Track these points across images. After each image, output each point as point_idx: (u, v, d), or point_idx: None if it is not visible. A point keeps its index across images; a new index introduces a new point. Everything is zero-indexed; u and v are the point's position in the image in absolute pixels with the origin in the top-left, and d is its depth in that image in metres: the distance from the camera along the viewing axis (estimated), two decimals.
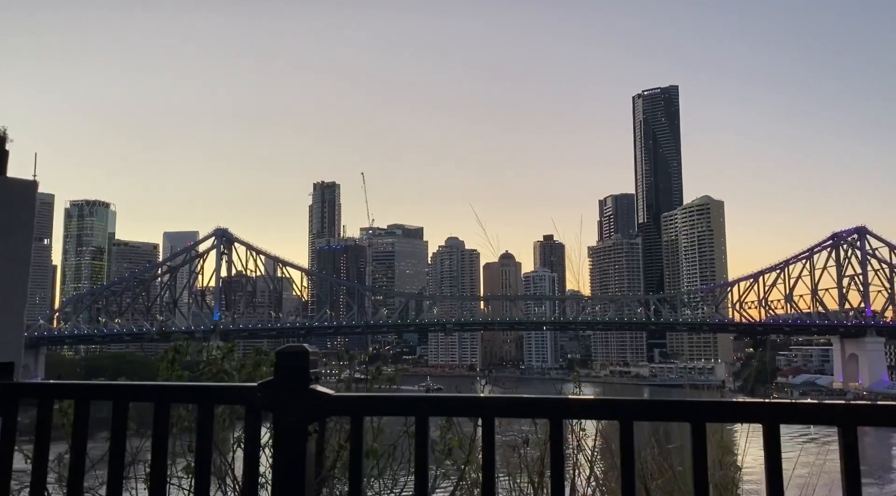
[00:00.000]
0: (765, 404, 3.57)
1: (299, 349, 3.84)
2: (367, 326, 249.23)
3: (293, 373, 3.80)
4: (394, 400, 4.53)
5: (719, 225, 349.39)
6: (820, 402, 3.63)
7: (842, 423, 3.45)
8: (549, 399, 3.85)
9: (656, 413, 3.97)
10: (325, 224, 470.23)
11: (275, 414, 3.85)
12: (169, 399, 4.29)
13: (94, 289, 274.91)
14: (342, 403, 4.08)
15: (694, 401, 3.60)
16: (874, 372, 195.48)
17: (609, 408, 4.01)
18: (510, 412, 4.34)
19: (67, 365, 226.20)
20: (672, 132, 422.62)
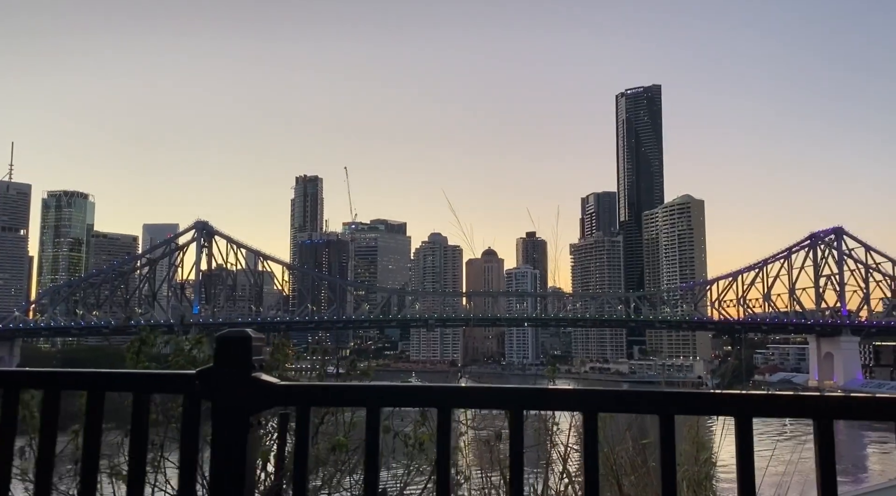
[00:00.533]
0: (737, 396, 3.44)
1: (240, 334, 3.56)
2: (348, 321, 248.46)
3: (234, 361, 3.52)
4: (343, 390, 4.26)
5: (699, 224, 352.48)
6: (795, 393, 3.51)
7: (817, 417, 3.33)
8: (509, 388, 3.64)
9: (622, 404, 3.74)
10: (308, 218, 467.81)
11: (214, 404, 3.55)
12: (103, 387, 3.93)
13: (72, 280, 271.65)
14: (287, 393, 3.76)
15: (662, 392, 3.47)
16: (848, 370, 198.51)
17: (572, 398, 3.82)
18: (468, 402, 4.14)
19: (43, 357, 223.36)
20: (654, 131, 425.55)
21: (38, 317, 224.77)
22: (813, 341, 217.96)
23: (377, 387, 3.80)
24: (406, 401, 4.18)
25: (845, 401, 3.38)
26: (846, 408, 3.39)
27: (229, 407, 3.50)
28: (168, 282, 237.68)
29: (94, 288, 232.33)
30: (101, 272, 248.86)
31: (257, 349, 3.57)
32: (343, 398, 4.21)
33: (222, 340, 3.56)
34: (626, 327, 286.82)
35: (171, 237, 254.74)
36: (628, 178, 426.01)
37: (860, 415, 3.42)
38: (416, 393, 4.02)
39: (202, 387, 3.57)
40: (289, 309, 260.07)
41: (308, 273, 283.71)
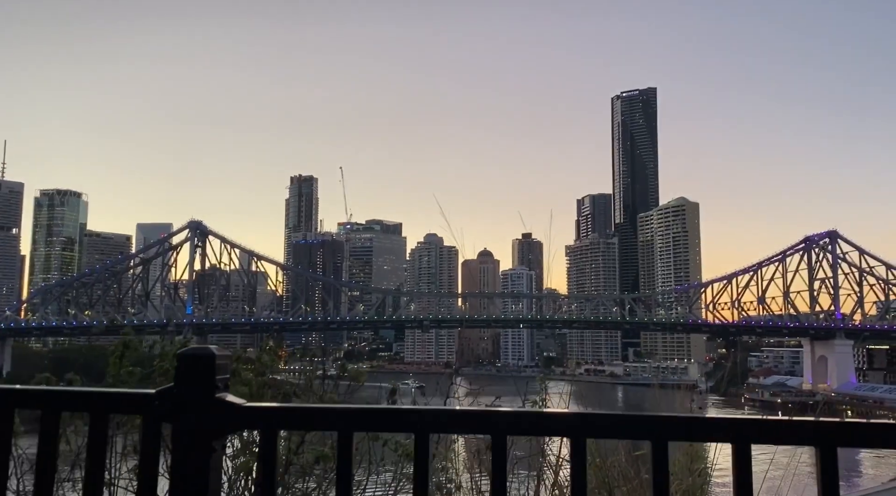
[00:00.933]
0: (736, 421, 3.12)
1: (203, 351, 3.28)
2: (342, 322, 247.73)
3: (196, 380, 3.23)
4: (312, 412, 3.92)
5: (694, 226, 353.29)
6: (794, 420, 3.13)
7: (822, 444, 3.00)
8: (494, 412, 3.37)
9: (613, 430, 3.42)
10: (302, 218, 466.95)
11: (174, 426, 3.28)
12: (57, 406, 3.66)
13: (64, 280, 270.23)
14: (252, 415, 3.45)
15: (656, 416, 3.19)
16: (842, 373, 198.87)
17: (560, 423, 3.48)
18: (448, 427, 3.86)
19: (35, 357, 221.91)
20: (649, 134, 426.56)
21: (30, 317, 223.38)
22: (807, 344, 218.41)
23: (348, 410, 3.51)
24: (380, 425, 3.88)
25: (852, 427, 3.14)
26: (853, 434, 3.11)
27: (190, 429, 3.23)
28: (161, 282, 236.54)
29: (87, 287, 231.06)
30: (93, 271, 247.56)
31: (222, 367, 3.30)
32: (312, 421, 3.89)
33: (184, 358, 3.29)
34: (621, 329, 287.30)
35: (164, 237, 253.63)
36: (623, 180, 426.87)
37: (868, 443, 3.16)
38: (390, 415, 3.64)
39: (162, 407, 3.30)
40: (283, 309, 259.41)
41: (302, 273, 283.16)
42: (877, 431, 3.11)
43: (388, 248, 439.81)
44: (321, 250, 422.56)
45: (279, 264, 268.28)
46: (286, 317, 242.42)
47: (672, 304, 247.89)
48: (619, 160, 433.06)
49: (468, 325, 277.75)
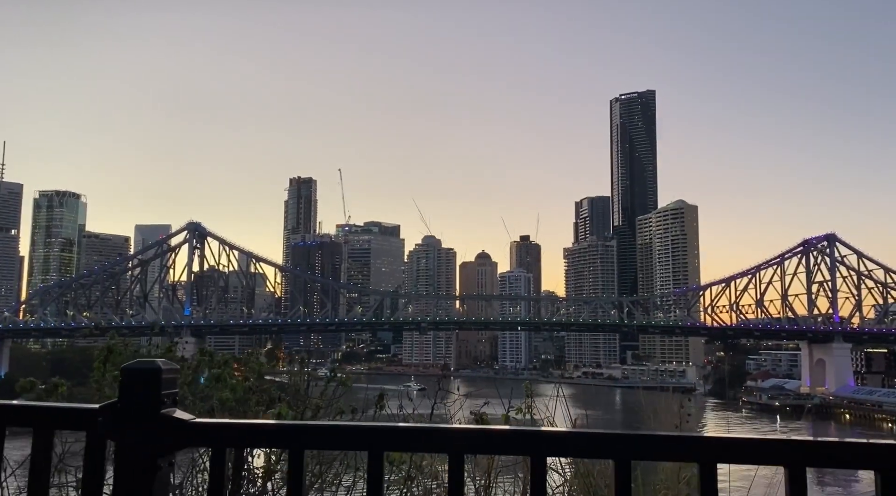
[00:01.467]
0: (701, 440, 3.02)
1: (148, 365, 3.12)
2: (340, 324, 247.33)
3: (141, 395, 3.07)
4: (264, 429, 3.69)
5: (693, 229, 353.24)
6: (765, 439, 3.01)
7: (789, 463, 2.90)
8: (450, 429, 3.29)
9: (574, 448, 3.24)
10: (301, 220, 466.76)
11: (117, 444, 3.11)
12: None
13: (63, 281, 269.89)
14: (201, 432, 3.28)
15: (617, 434, 3.05)
16: (840, 377, 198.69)
17: (519, 441, 3.26)
18: (402, 445, 3.67)
19: (33, 358, 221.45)
20: (648, 136, 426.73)
21: (28, 318, 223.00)
22: (805, 347, 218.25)
23: (299, 427, 3.40)
24: (331, 443, 3.68)
25: (819, 446, 3.02)
26: (821, 454, 3.02)
27: (134, 447, 3.07)
28: (160, 284, 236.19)
29: (85, 288, 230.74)
30: (92, 273, 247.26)
31: (169, 382, 3.13)
32: (264, 438, 3.68)
33: (127, 372, 3.13)
34: (620, 332, 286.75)
35: (163, 238, 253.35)
36: (622, 183, 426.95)
37: (838, 463, 3.06)
38: (343, 433, 3.48)
39: (106, 424, 3.13)
40: (281, 311, 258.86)
41: (300, 275, 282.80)
42: (853, 452, 2.96)
43: (386, 249, 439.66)
44: (319, 252, 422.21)
45: (278, 266, 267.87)
46: (284, 318, 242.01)
47: (670, 307, 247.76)
48: (618, 162, 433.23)
49: (466, 328, 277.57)
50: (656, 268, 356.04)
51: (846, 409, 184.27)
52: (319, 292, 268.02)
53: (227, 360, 9.09)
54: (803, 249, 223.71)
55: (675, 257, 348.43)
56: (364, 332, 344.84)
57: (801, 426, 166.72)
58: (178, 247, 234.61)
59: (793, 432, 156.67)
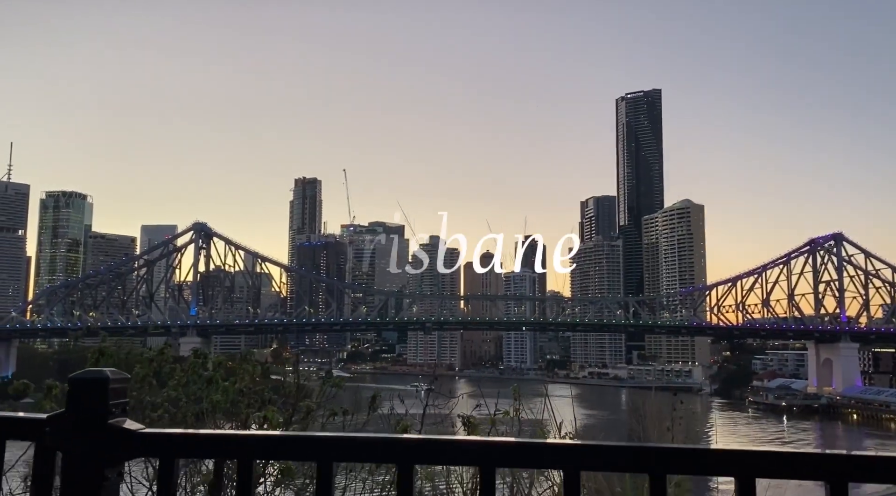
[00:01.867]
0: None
1: (96, 375, 3.06)
2: (345, 324, 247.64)
3: (88, 405, 3.02)
4: (213, 439, 3.58)
5: (699, 228, 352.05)
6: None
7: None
8: (398, 440, 3.10)
9: (527, 458, 3.13)
10: (306, 220, 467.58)
11: (64, 454, 3.05)
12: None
13: (70, 281, 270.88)
14: (150, 442, 3.19)
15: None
16: (847, 377, 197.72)
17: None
18: (354, 455, 3.55)
19: (40, 358, 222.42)
20: (654, 135, 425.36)
21: (35, 318, 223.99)
22: (812, 347, 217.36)
23: (248, 437, 3.29)
24: (280, 453, 3.52)
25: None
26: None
27: (81, 457, 3.01)
28: (166, 284, 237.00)
29: (92, 289, 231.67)
30: (98, 273, 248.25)
31: (117, 391, 3.09)
32: (214, 448, 3.52)
33: (74, 382, 3.07)
34: (625, 332, 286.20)
35: (169, 238, 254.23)
36: (628, 183, 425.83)
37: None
38: (291, 443, 3.34)
39: (53, 434, 3.08)
40: (286, 311, 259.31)
41: (306, 275, 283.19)
42: (801, 462, 2.83)
43: (390, 249, 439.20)
44: (325, 252, 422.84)
45: (283, 266, 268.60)
46: (290, 318, 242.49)
47: (676, 307, 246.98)
48: (624, 162, 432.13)
49: (471, 328, 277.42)
50: (662, 268, 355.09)
51: (854, 410, 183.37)
52: (324, 292, 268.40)
53: (221, 362, 9.04)
54: (810, 248, 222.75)
55: (682, 257, 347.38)
56: (369, 332, 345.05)
57: (809, 426, 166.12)
58: (184, 247, 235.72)
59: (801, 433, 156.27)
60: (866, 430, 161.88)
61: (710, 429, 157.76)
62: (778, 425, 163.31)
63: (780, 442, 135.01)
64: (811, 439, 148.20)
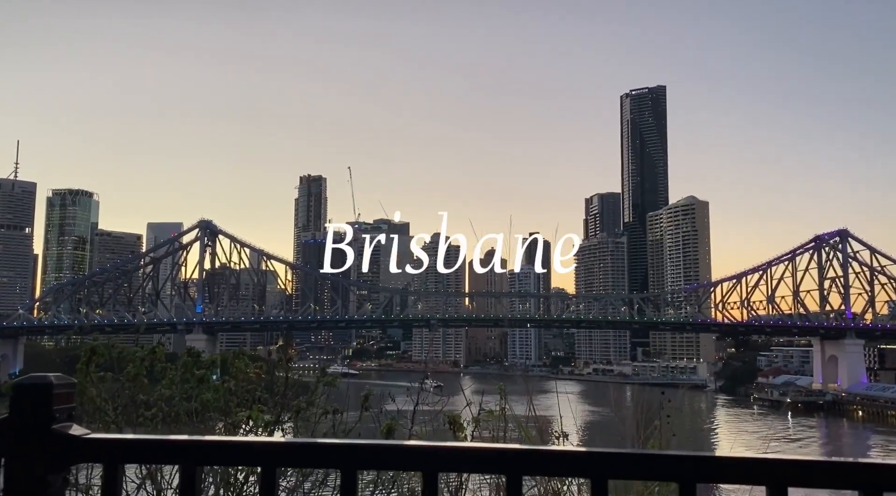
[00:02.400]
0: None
1: (39, 380, 3.02)
2: (350, 321, 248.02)
3: (31, 411, 2.98)
4: (161, 445, 3.37)
5: (704, 225, 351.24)
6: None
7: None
8: (345, 445, 3.01)
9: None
10: (311, 217, 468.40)
11: (6, 460, 3.00)
12: None
13: (76, 279, 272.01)
14: (94, 448, 3.10)
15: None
16: (853, 373, 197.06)
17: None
18: (295, 461, 3.42)
19: (47, 355, 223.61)
20: (659, 132, 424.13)
21: (42, 316, 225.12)
22: (817, 344, 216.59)
23: (195, 443, 3.17)
24: (226, 459, 3.42)
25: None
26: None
27: (23, 463, 2.96)
28: (171, 281, 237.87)
29: (98, 286, 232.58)
30: (104, 270, 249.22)
31: (62, 396, 3.04)
32: (161, 454, 3.39)
33: (18, 388, 3.03)
34: (630, 329, 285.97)
35: (174, 236, 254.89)
36: (633, 179, 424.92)
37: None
38: (236, 449, 3.26)
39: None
40: (292, 308, 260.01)
41: (311, 272, 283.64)
42: (739, 467, 2.76)
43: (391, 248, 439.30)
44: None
45: (288, 263, 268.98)
46: (295, 315, 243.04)
47: (681, 304, 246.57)
48: (629, 159, 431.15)
49: (475, 325, 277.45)
50: (667, 265, 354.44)
51: (859, 406, 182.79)
52: (330, 289, 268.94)
53: (214, 361, 9.18)
54: (815, 245, 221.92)
55: (686, 253, 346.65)
56: (374, 329, 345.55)
57: (814, 423, 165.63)
58: (190, 244, 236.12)
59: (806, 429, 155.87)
60: (871, 427, 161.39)
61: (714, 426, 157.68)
62: (783, 422, 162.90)
63: (786, 439, 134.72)
64: (816, 436, 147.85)
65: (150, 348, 8.24)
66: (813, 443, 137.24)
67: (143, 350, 8.25)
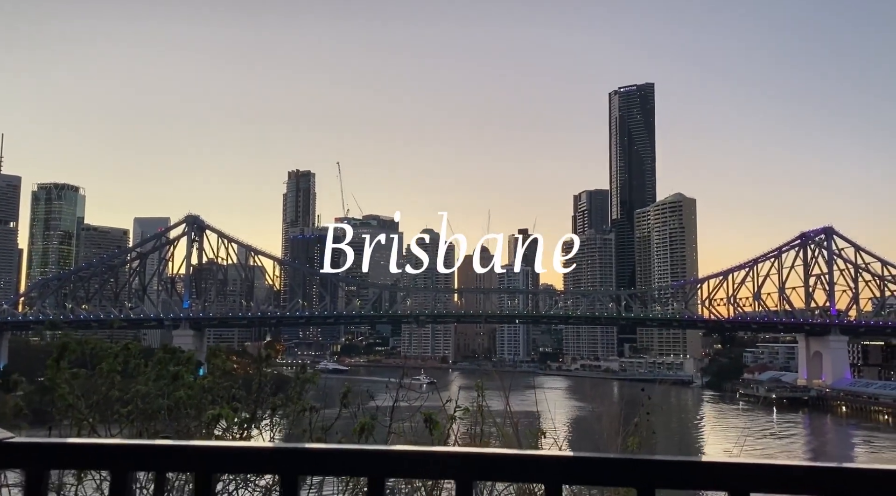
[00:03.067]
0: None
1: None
2: (339, 317, 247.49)
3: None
4: (90, 449, 3.12)
5: (691, 222, 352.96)
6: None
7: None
8: (282, 449, 2.87)
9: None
10: (300, 213, 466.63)
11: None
12: None
13: (62, 273, 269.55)
14: (14, 453, 2.85)
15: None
16: (837, 369, 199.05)
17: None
18: (233, 467, 3.20)
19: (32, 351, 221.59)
20: (647, 129, 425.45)
21: (27, 311, 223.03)
22: (802, 340, 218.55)
23: (124, 447, 2.98)
24: (157, 464, 3.13)
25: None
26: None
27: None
28: (158, 276, 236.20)
29: (84, 281, 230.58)
30: (90, 265, 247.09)
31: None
32: (90, 459, 3.13)
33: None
34: (617, 325, 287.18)
35: (161, 231, 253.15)
36: (621, 176, 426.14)
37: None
38: (168, 452, 3.01)
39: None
40: (280, 304, 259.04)
41: (299, 268, 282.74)
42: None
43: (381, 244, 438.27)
44: (318, 245, 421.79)
45: (276, 259, 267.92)
46: (283, 311, 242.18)
47: (668, 300, 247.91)
48: (617, 156, 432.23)
49: (464, 321, 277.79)
50: (654, 262, 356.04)
51: (842, 402, 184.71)
52: (318, 285, 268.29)
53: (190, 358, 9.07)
54: (801, 242, 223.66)
55: (673, 250, 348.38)
56: (363, 325, 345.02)
57: (798, 419, 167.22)
58: (177, 239, 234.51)
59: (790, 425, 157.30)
60: (854, 423, 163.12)
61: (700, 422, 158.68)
62: (768, 417, 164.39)
63: (770, 434, 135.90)
64: (800, 432, 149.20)
65: (124, 344, 8.12)
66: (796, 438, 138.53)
67: (117, 346, 8.13)
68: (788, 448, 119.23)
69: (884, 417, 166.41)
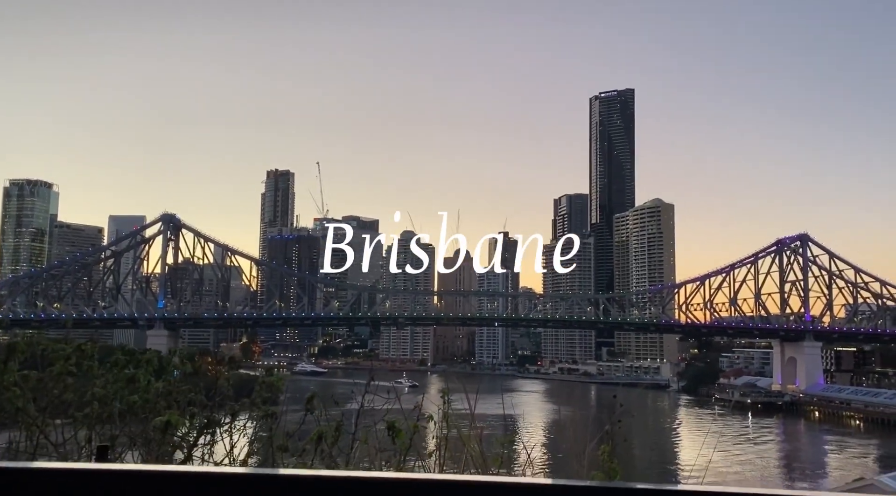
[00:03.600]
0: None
1: None
2: (317, 318, 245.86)
3: None
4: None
5: (669, 227, 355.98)
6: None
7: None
8: (183, 473, 2.78)
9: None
10: (278, 213, 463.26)
11: None
12: None
13: (34, 271, 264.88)
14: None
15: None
16: (811, 375, 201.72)
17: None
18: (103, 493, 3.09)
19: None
20: (627, 135, 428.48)
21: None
22: (777, 346, 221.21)
23: (57, 472, 2.76)
24: (28, 491, 2.83)
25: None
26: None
27: None
28: (133, 276, 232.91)
29: (56, 280, 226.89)
30: (63, 263, 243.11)
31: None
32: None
33: None
34: (595, 328, 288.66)
35: (137, 229, 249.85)
36: (600, 181, 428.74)
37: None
38: (30, 475, 2.76)
39: None
40: (257, 304, 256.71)
41: (277, 268, 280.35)
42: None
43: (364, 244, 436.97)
44: (297, 246, 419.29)
45: (253, 259, 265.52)
46: (260, 312, 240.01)
47: (646, 305, 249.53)
48: (597, 161, 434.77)
49: (443, 323, 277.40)
50: (632, 266, 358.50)
51: (815, 407, 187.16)
52: (296, 286, 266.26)
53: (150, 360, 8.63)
54: (777, 249, 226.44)
55: (651, 255, 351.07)
56: (341, 327, 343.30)
57: (772, 424, 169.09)
58: (153, 238, 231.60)
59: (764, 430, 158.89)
60: (827, 428, 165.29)
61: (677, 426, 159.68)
62: (743, 422, 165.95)
63: (745, 438, 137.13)
64: (774, 437, 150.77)
65: (77, 345, 7.68)
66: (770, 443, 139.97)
67: (70, 346, 7.69)
68: (764, 454, 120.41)
69: (855, 423, 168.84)
